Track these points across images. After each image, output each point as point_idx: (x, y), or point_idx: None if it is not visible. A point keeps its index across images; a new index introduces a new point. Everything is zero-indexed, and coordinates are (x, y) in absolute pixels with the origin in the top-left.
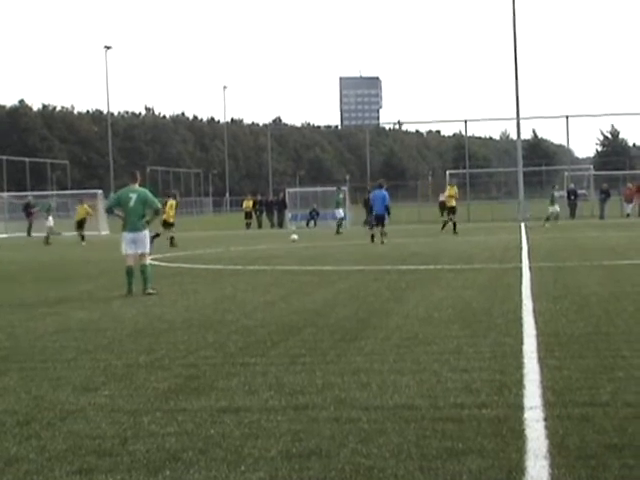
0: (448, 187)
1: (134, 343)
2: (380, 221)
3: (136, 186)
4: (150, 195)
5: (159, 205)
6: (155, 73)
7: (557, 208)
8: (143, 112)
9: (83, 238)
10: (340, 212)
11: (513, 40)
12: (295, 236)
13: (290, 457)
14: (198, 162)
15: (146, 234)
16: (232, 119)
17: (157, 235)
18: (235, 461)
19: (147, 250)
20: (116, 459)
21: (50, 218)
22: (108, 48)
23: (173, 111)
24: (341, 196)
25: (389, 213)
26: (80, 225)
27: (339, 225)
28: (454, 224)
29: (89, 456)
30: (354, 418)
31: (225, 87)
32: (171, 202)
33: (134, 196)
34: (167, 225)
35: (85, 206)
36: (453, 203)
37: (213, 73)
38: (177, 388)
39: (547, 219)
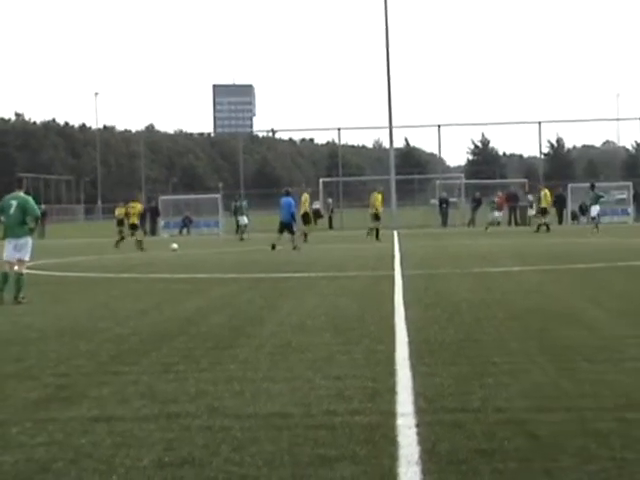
0: (375, 194)
1: (2, 352)
2: (286, 228)
3: (20, 193)
4: (31, 203)
5: (38, 213)
6: (25, 78)
7: (496, 214)
8: (13, 118)
9: None
10: (244, 219)
11: (386, 49)
12: (175, 245)
13: (163, 466)
14: (70, 169)
15: (27, 241)
16: (104, 126)
17: (122, 239)
18: (107, 471)
19: (26, 258)
20: None
21: None
22: None
23: (44, 117)
24: (244, 203)
25: (294, 219)
26: None
27: (242, 232)
28: (377, 230)
29: None
30: (227, 426)
31: (97, 93)
32: (134, 204)
33: (14, 203)
34: (133, 227)
35: None
36: (378, 210)
37: (84, 79)
38: (47, 398)
39: (490, 224)
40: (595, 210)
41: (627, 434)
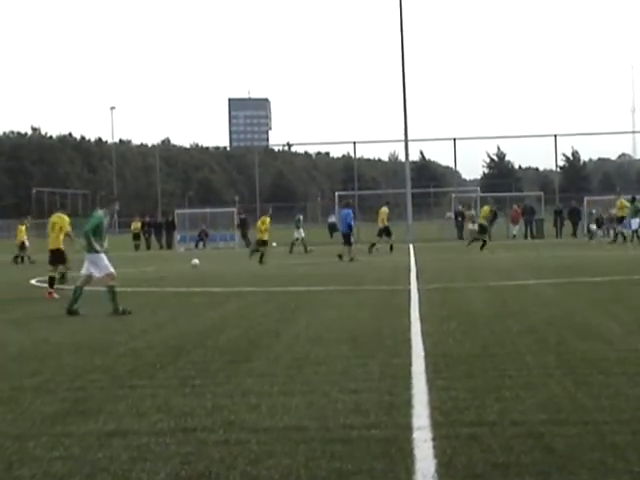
0: (485, 207)
1: (19, 367)
2: (343, 238)
3: (98, 211)
4: (90, 220)
5: (87, 230)
6: (41, 93)
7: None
8: (29, 132)
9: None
10: (301, 232)
11: (401, 62)
12: (196, 260)
13: None
14: (86, 183)
15: (90, 257)
16: (120, 140)
17: (256, 250)
18: None
19: (85, 271)
20: None
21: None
22: None
23: (60, 131)
24: (301, 217)
25: (351, 231)
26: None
27: (304, 244)
28: (484, 241)
29: None
30: (243, 440)
31: (113, 107)
32: (264, 219)
33: (88, 219)
34: (262, 244)
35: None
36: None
37: (100, 93)
38: (64, 412)
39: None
40: (636, 223)
41: None
